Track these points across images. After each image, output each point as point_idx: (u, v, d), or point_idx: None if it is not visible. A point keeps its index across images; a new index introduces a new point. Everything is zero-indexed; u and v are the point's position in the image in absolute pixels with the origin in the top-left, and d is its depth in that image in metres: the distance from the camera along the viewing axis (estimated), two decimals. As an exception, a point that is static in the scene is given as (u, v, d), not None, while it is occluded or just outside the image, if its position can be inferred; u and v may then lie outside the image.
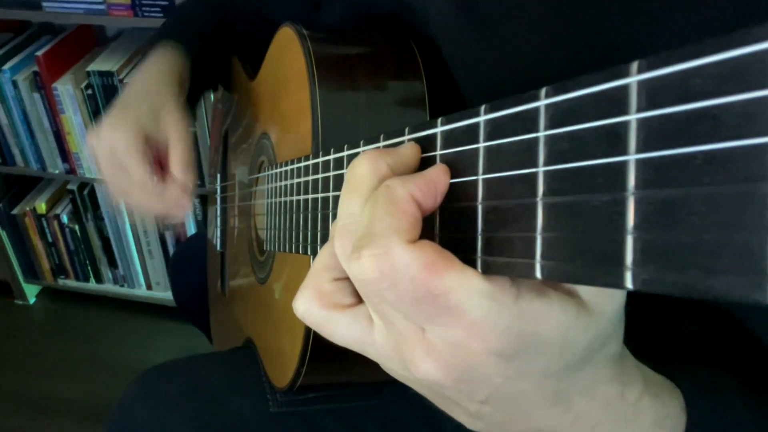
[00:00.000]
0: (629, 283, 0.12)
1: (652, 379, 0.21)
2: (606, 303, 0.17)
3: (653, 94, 0.11)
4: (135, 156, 0.42)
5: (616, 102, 0.12)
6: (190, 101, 0.51)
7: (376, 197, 0.17)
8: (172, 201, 0.43)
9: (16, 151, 1.07)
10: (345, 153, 0.25)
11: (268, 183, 0.42)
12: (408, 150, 0.19)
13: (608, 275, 0.12)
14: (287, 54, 0.38)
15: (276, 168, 0.38)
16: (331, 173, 0.26)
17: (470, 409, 0.18)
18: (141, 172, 0.42)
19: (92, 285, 1.23)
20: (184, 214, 0.47)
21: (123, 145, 0.42)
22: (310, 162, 0.30)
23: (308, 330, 0.34)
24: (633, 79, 0.12)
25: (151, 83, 0.45)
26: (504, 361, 0.16)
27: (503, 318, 0.15)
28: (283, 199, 0.36)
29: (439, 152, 0.18)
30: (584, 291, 0.17)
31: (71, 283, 1.24)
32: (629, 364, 0.20)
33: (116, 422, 0.42)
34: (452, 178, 0.18)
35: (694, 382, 0.22)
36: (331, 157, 0.26)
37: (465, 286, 0.15)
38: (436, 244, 0.16)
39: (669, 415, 0.21)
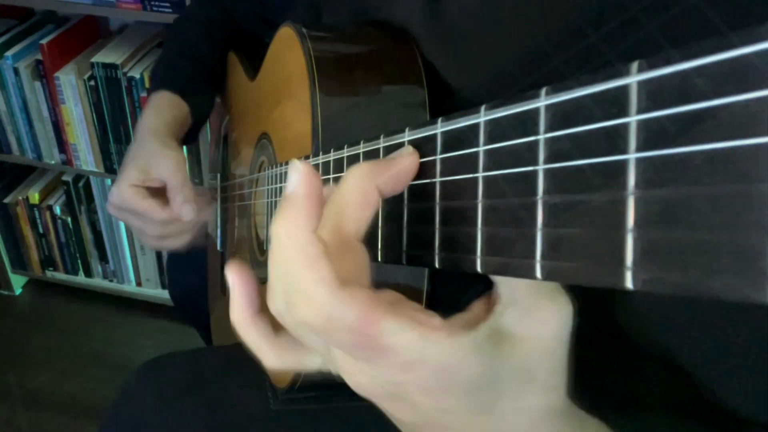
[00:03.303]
0: (629, 283, 0.12)
1: None
2: (534, 328, 0.18)
3: (653, 94, 0.12)
4: (142, 203, 0.46)
5: (617, 102, 0.12)
6: (195, 128, 0.55)
7: (290, 258, 0.17)
8: (186, 229, 0.49)
9: (12, 139, 1.07)
10: (345, 153, 0.25)
11: (268, 183, 0.42)
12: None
13: (608, 275, 0.12)
14: (287, 54, 0.38)
15: (276, 168, 0.38)
16: (331, 174, 0.26)
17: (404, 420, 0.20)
18: (156, 211, 0.46)
19: (81, 278, 1.22)
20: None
21: (128, 199, 0.46)
22: (310, 162, 0.30)
23: None
24: (633, 79, 0.12)
25: (142, 136, 0.50)
26: (434, 397, 0.18)
27: (435, 356, 0.17)
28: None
29: (438, 154, 0.18)
30: (508, 320, 0.18)
31: (59, 275, 1.22)
32: (573, 423, 0.19)
33: (116, 412, 0.41)
34: (452, 176, 0.18)
35: None
36: (331, 157, 0.26)
37: (397, 330, 0.16)
38: (367, 290, 0.17)
39: None
